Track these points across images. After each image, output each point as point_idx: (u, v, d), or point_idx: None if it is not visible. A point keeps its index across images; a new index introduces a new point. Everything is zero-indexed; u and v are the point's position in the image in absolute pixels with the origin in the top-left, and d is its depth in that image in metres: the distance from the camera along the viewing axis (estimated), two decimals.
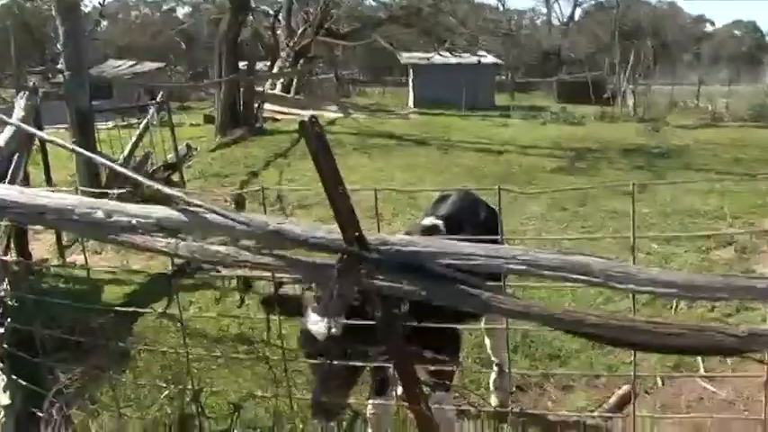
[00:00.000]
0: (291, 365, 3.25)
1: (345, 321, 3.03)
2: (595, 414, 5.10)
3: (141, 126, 9.87)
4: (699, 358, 5.70)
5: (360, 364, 3.12)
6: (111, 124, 11.84)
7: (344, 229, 2.76)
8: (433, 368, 3.22)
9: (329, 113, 20.20)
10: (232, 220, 2.92)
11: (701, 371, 5.61)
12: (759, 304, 6.52)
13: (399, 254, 2.79)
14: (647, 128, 18.22)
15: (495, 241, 2.97)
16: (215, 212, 2.96)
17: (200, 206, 2.99)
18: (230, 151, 14.16)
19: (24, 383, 4.08)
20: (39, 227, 5.61)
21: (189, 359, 3.27)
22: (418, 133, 16.65)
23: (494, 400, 5.16)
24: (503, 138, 16.61)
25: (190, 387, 3.34)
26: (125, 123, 11.50)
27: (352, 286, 2.76)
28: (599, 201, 10.59)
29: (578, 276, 2.73)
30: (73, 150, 4.52)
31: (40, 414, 3.82)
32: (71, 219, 3.20)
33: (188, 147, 10.20)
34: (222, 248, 2.97)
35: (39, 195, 3.32)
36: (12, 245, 6.67)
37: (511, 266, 2.76)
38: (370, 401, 3.97)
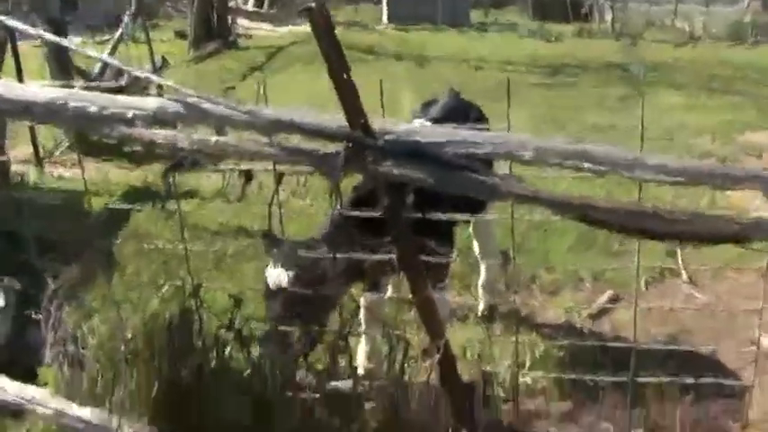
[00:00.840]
0: None
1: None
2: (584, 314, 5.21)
3: (115, 37, 9.63)
4: (681, 264, 5.80)
5: (365, 256, 3.13)
6: (80, 40, 11.54)
7: (350, 115, 2.71)
8: (432, 261, 3.21)
9: (304, 28, 19.72)
10: (232, 109, 2.86)
11: (684, 277, 5.72)
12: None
13: (405, 142, 2.76)
14: (625, 45, 18.10)
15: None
16: (214, 102, 2.89)
17: (197, 96, 2.92)
18: (205, 65, 13.89)
19: (18, 286, 4.07)
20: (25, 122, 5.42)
21: (187, 254, 3.25)
22: (395, 48, 16.41)
23: (482, 302, 5.23)
24: (480, 53, 16.37)
25: (189, 283, 3.34)
26: (98, 41, 11.18)
27: (360, 173, 2.74)
28: (581, 115, 10.59)
29: (587, 164, 2.73)
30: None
31: (35, 316, 3.81)
32: (64, 113, 3.11)
33: (163, 59, 9.96)
34: (224, 139, 2.91)
35: (28, 90, 3.22)
36: None
37: (519, 154, 2.75)
38: (364, 296, 4.01)
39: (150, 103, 3.04)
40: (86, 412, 3.26)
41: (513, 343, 4.43)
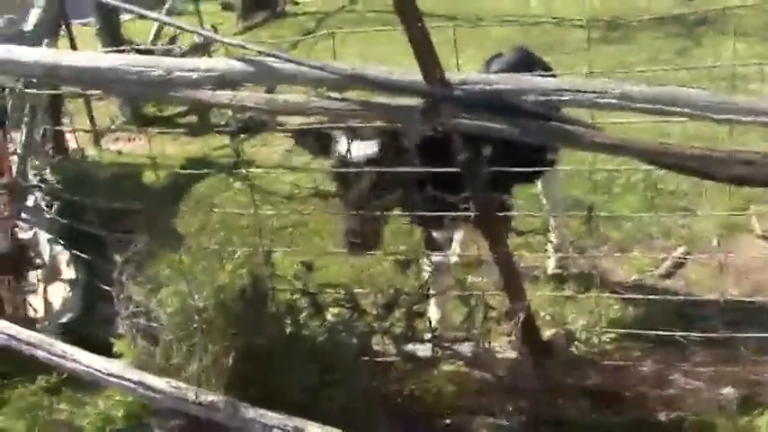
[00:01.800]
0: None
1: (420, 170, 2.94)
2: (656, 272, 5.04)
3: (164, 8, 9.60)
4: (754, 219, 5.57)
5: (445, 213, 3.01)
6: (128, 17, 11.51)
7: (426, 67, 2.59)
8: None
9: None
10: (305, 66, 2.75)
11: (758, 232, 5.50)
12: None
13: (483, 93, 2.63)
14: None
15: None
16: (286, 60, 2.78)
17: (268, 54, 2.81)
18: (255, 34, 13.75)
19: (88, 257, 4.07)
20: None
21: (259, 218, 3.18)
22: (445, 8, 16.12)
23: (552, 262, 5.09)
24: (533, 11, 16.04)
25: (261, 250, 3.27)
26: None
27: (438, 125, 2.62)
28: (641, 68, 10.27)
29: (675, 109, 2.58)
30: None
31: (105, 287, 3.80)
32: (129, 79, 3.04)
33: (213, 28, 9.89)
34: (293, 97, 2.81)
35: (92, 58, 3.15)
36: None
37: (603, 101, 2.60)
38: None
39: (216, 64, 2.95)
40: (162, 383, 3.22)
41: (587, 302, 4.33)
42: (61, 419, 3.76)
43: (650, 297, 4.31)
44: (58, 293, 4.24)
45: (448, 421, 3.23)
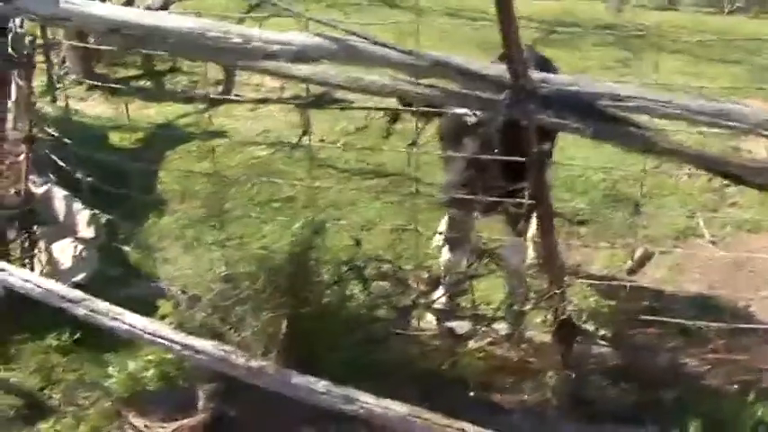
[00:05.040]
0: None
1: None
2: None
3: None
4: (702, 224, 5.96)
5: (497, 199, 3.18)
6: None
7: (514, 63, 2.76)
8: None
9: None
10: (390, 49, 2.86)
11: (707, 237, 5.88)
12: None
13: (561, 92, 2.82)
14: (610, 6, 18.06)
15: None
16: (371, 41, 2.88)
17: (353, 33, 2.89)
18: None
19: (109, 217, 4.03)
20: None
21: (316, 191, 3.26)
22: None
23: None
24: (477, 6, 16.22)
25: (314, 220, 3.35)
26: None
27: (521, 119, 2.78)
28: (594, 75, 10.61)
29: (731, 123, 2.83)
30: None
31: (126, 248, 3.81)
32: (202, 44, 3.07)
33: None
34: (378, 78, 2.90)
35: (163, 18, 3.16)
36: None
37: (668, 110, 2.83)
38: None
39: (296, 38, 2.99)
40: (209, 346, 3.16)
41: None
42: (81, 378, 3.71)
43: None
44: (67, 251, 4.13)
45: (472, 394, 3.38)
